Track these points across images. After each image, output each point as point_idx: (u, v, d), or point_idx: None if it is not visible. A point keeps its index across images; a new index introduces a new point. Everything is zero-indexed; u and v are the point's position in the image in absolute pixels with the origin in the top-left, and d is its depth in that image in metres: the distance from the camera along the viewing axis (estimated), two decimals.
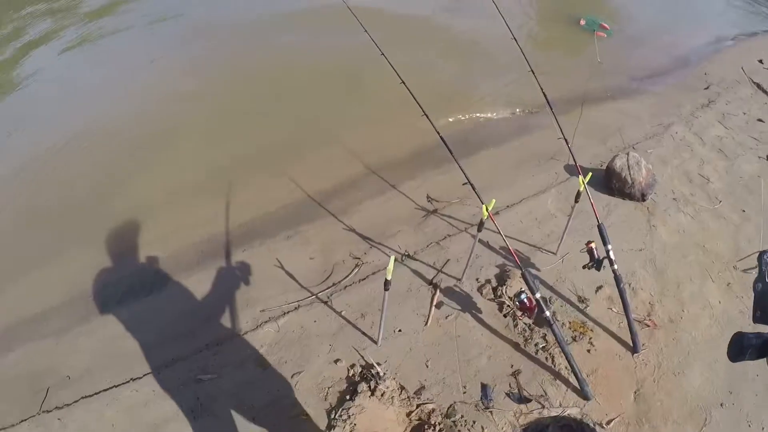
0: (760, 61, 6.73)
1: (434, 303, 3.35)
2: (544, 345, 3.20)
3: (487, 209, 2.83)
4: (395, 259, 2.62)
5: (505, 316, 3.32)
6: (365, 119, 5.09)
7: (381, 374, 3.01)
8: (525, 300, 3.11)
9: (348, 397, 3.01)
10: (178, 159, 4.75)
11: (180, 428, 3.13)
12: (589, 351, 3.17)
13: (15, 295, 4.25)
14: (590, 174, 3.30)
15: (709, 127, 5.29)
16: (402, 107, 3.41)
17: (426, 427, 2.86)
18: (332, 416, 2.94)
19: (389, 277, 2.63)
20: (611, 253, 3.11)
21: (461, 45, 6.48)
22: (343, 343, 3.27)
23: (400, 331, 3.25)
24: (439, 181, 4.37)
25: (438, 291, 3.41)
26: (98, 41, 6.91)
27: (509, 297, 3.36)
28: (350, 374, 3.11)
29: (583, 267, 3.20)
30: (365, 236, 3.89)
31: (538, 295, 2.92)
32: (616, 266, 3.09)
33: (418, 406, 2.94)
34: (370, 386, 3.00)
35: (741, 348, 1.30)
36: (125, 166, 4.78)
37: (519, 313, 3.20)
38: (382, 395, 2.95)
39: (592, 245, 3.12)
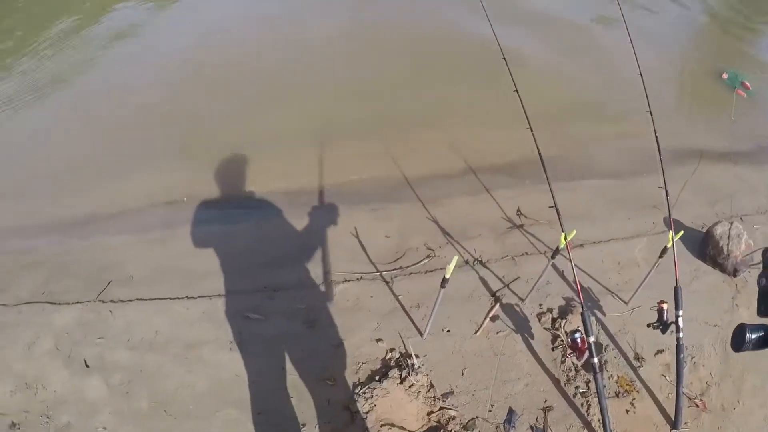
0: None
1: (490, 315, 3.37)
2: (584, 391, 3.15)
3: (565, 238, 2.79)
4: (465, 262, 2.64)
5: (553, 349, 3.30)
6: (478, 117, 5.04)
7: (416, 366, 3.08)
8: (578, 340, 3.07)
9: (377, 378, 3.09)
10: (298, 108, 4.98)
11: (213, 353, 3.39)
12: (627, 411, 3.11)
13: (114, 188, 4.70)
14: (682, 232, 3.20)
15: None
16: (516, 116, 3.36)
17: (441, 431, 2.87)
18: (356, 390, 3.04)
19: (448, 276, 2.65)
20: (681, 320, 3.02)
21: (584, 69, 6.26)
22: (390, 325, 3.36)
23: (448, 331, 3.30)
24: (534, 198, 4.30)
25: (498, 305, 3.42)
26: None
27: (565, 332, 3.31)
28: (387, 357, 3.20)
29: (648, 325, 3.11)
30: (445, 231, 3.92)
31: (591, 339, 2.84)
32: (681, 335, 2.98)
33: (440, 408, 2.99)
34: (401, 374, 3.07)
35: (744, 339, 1.34)
36: (252, 103, 5.17)
37: (569, 351, 3.17)
38: (410, 387, 3.03)
39: (664, 306, 3.02)
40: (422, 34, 6.20)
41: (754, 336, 1.36)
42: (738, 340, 1.38)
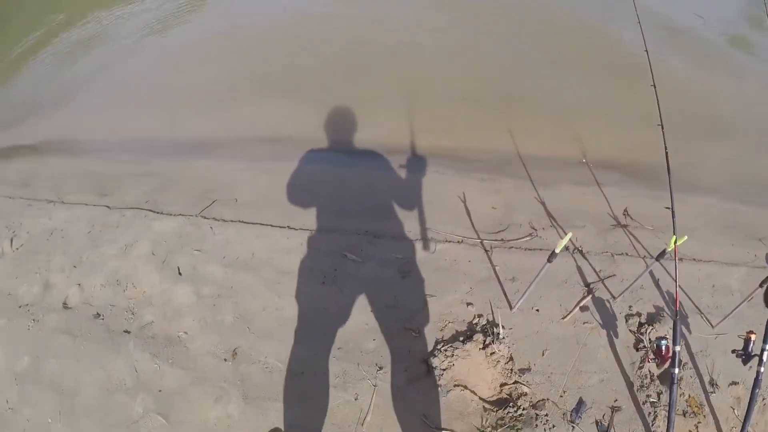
0: None
1: (581, 304, 3.39)
2: (654, 401, 3.17)
3: (675, 242, 2.76)
4: (566, 247, 2.64)
5: (637, 350, 3.32)
6: (602, 110, 4.97)
7: (500, 336, 3.15)
8: (663, 347, 3.04)
9: (461, 339, 3.18)
10: (424, 70, 5.21)
11: (305, 283, 3.55)
12: None
13: (233, 117, 4.91)
14: None
15: None
16: (643, 115, 3.33)
17: (510, 405, 2.97)
18: (438, 346, 3.14)
19: (558, 251, 2.66)
20: (766, 354, 2.87)
21: (726, 85, 5.85)
22: (482, 292, 3.44)
23: (537, 310, 3.36)
24: (643, 202, 4.26)
25: (590, 296, 3.43)
26: None
27: (649, 338, 3.30)
28: (474, 321, 3.29)
29: (732, 351, 3.05)
30: (550, 214, 3.94)
31: (677, 348, 2.83)
32: (762, 369, 2.89)
33: (515, 382, 3.06)
34: (485, 341, 3.15)
35: None
36: (380, 60, 5.58)
37: (650, 356, 3.16)
38: (491, 354, 3.11)
39: (752, 336, 2.94)
40: (558, 20, 6.14)
41: None
42: None
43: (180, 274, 3.88)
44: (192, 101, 5.90)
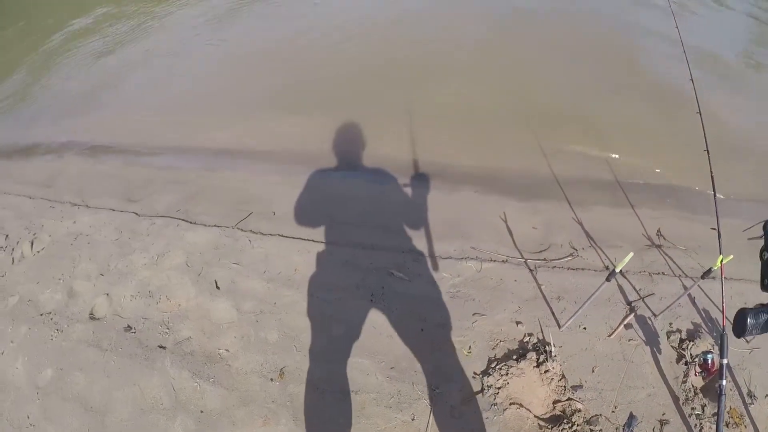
0: None
1: (625, 322, 3.49)
2: (699, 413, 3.26)
3: (722, 261, 2.86)
4: (605, 267, 2.67)
5: (686, 364, 3.42)
6: (641, 134, 5.08)
7: (553, 354, 3.22)
8: (710, 361, 3.17)
9: (514, 357, 3.26)
10: (465, 89, 5.23)
11: (350, 300, 3.58)
12: None
13: (270, 129, 4.87)
14: None
15: None
16: (685, 141, 3.41)
17: (565, 421, 3.05)
18: (492, 365, 3.22)
19: (618, 270, 2.74)
20: None
21: None
22: (530, 311, 3.52)
23: (584, 328, 3.46)
24: (675, 223, 4.38)
25: (633, 314, 3.52)
26: None
27: (691, 354, 3.41)
28: (524, 340, 3.37)
29: None
30: (588, 234, 4.03)
31: (725, 361, 2.87)
32: None
33: (568, 399, 3.15)
34: (538, 359, 3.24)
35: (746, 324, 1.38)
36: (422, 77, 5.61)
37: (697, 370, 3.27)
38: (545, 372, 3.20)
39: None
40: (603, 44, 6.22)
41: (759, 319, 1.37)
42: (740, 327, 1.41)
43: (218, 287, 3.84)
44: (224, 111, 5.88)
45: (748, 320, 1.38)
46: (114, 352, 3.58)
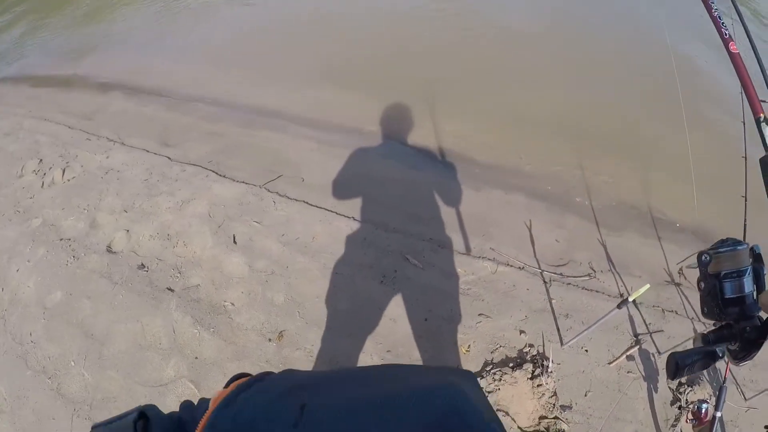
0: None
1: (628, 353, 3.45)
2: None
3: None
4: (620, 294, 2.62)
5: (679, 408, 3.35)
6: (683, 167, 4.97)
7: (550, 370, 3.19)
8: (703, 410, 3.07)
9: (511, 365, 3.26)
10: (534, 92, 5.24)
11: (363, 279, 3.59)
12: None
13: (315, 96, 4.89)
14: None
15: None
16: (727, 181, 3.34)
17: None
18: (488, 368, 3.23)
19: (632, 299, 2.76)
20: None
21: None
22: (536, 322, 3.51)
23: (586, 351, 3.43)
24: None
25: (637, 347, 3.49)
26: None
27: (686, 399, 3.37)
28: (524, 350, 3.36)
29: (765, 427, 3.12)
30: (610, 258, 3.98)
31: (718, 414, 2.86)
32: None
33: (555, 417, 3.15)
34: (533, 371, 3.23)
35: (675, 368, 1.39)
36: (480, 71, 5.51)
37: (689, 417, 3.21)
38: (538, 386, 3.19)
39: None
40: (654, 69, 6.05)
41: (686, 362, 1.38)
42: (672, 370, 1.42)
43: (235, 242, 3.89)
44: (272, 72, 5.90)
45: (677, 363, 1.42)
46: (124, 287, 3.66)
